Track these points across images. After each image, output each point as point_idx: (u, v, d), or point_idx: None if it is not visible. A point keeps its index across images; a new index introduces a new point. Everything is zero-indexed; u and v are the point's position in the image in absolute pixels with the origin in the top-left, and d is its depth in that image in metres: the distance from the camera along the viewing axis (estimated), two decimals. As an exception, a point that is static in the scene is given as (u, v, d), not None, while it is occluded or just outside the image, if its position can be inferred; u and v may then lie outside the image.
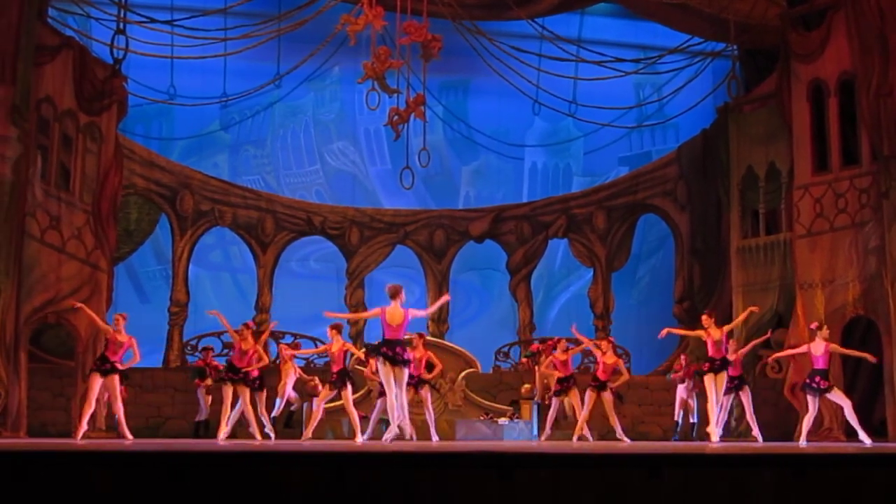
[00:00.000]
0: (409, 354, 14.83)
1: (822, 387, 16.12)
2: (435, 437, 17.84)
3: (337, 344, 16.69)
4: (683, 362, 21.13)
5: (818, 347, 16.09)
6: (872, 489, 8.16)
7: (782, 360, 21.49)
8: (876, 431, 20.48)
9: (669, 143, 28.28)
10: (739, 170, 23.49)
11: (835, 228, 20.97)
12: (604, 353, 18.70)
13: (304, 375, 20.51)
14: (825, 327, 16.52)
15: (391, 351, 13.95)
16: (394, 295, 13.92)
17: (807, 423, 16.55)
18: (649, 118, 27.95)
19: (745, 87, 24.67)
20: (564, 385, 18.85)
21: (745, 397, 17.76)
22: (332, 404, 21.71)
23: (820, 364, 16.04)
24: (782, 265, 22.34)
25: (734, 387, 17.48)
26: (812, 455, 9.30)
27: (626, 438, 18.34)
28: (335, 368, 16.69)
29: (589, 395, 18.43)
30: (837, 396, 16.49)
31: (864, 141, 20.62)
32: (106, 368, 15.97)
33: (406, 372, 14.32)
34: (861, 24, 20.34)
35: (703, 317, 17.07)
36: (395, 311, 13.91)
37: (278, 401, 20.19)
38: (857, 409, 21.21)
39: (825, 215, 21.15)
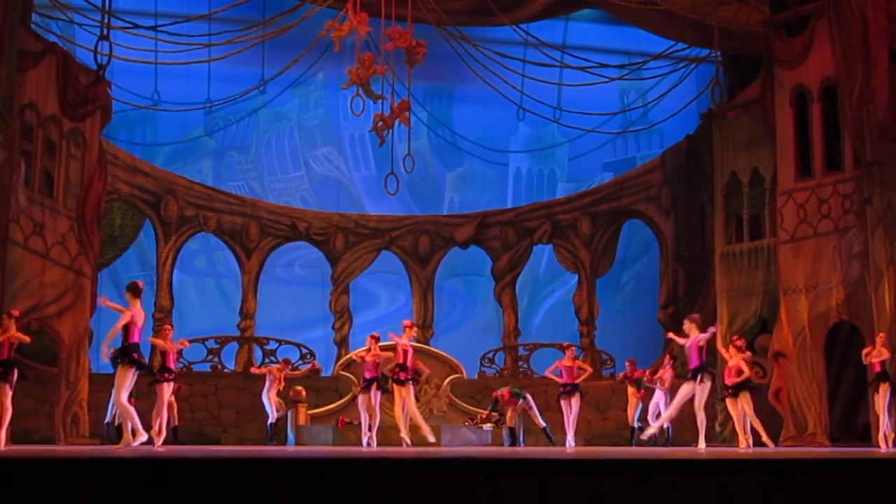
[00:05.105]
0: None
1: None
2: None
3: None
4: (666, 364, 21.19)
5: None
6: (857, 494, 8.18)
7: (766, 365, 21.56)
8: (860, 437, 20.56)
9: (654, 148, 28.35)
10: (723, 175, 23.54)
11: (818, 234, 21.04)
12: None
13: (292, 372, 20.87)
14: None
15: None
16: None
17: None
18: (634, 124, 28.01)
19: (729, 93, 24.75)
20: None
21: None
22: (317, 410, 21.80)
23: None
24: (766, 271, 22.39)
25: None
26: (797, 460, 9.32)
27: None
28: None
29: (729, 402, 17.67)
30: None
31: (847, 147, 20.71)
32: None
33: None
34: (844, 30, 20.42)
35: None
36: None
37: (269, 409, 20.61)
38: (841, 414, 21.39)
39: (809, 221, 21.22)
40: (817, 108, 21.40)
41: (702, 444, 15.97)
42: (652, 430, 16.68)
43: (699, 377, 15.78)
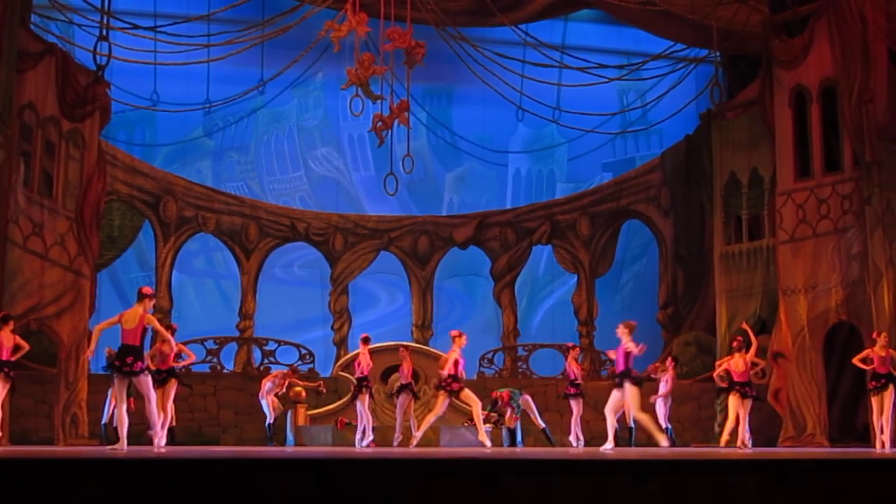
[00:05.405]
0: None
1: None
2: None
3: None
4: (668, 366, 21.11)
5: None
6: (855, 494, 8.19)
7: (765, 366, 21.55)
8: (859, 437, 20.56)
9: (653, 149, 28.37)
10: (722, 176, 23.56)
11: (817, 234, 21.04)
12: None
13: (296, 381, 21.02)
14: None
15: None
16: None
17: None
18: (633, 124, 28.03)
19: (728, 93, 24.77)
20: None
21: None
22: (316, 411, 21.79)
23: None
24: (765, 271, 22.41)
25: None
26: (796, 461, 9.32)
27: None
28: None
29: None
30: None
31: (847, 147, 20.72)
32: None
33: None
34: (843, 30, 20.43)
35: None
36: None
37: (267, 410, 20.67)
38: (840, 414, 21.37)
39: (808, 221, 21.22)
40: (816, 109, 21.40)
41: (663, 443, 15.96)
42: (609, 445, 16.63)
43: (623, 383, 15.69)
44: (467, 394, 17.04)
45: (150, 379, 13.39)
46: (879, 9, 20.26)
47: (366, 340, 18.83)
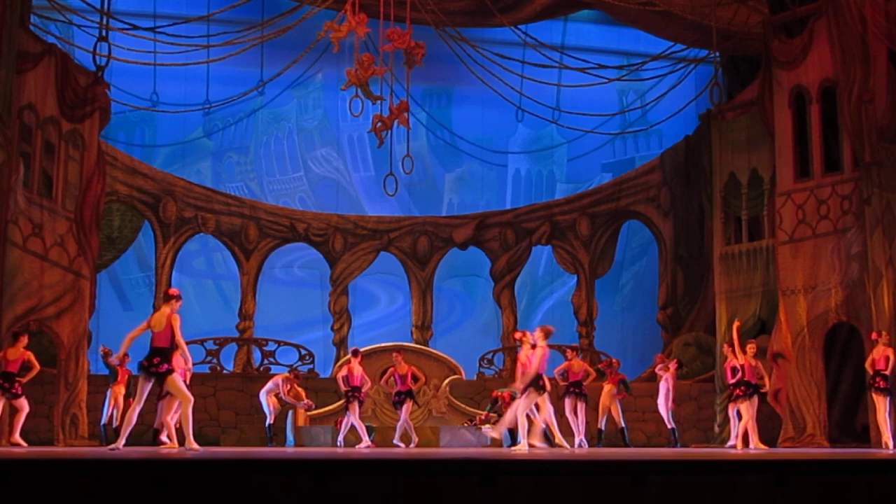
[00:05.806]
0: None
1: None
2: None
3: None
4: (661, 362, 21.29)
5: None
6: (854, 495, 8.19)
7: (765, 366, 21.55)
8: (858, 437, 20.57)
9: (653, 149, 28.36)
10: (722, 176, 23.56)
11: (817, 235, 21.04)
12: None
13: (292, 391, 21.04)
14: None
15: None
16: None
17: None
18: (632, 125, 28.00)
19: (728, 93, 24.76)
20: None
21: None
22: (315, 411, 21.82)
23: None
24: (765, 271, 22.40)
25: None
26: (795, 461, 9.32)
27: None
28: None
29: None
30: None
31: (846, 147, 20.72)
32: (5, 387, 16.68)
33: None
34: (843, 31, 20.43)
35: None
36: None
37: (267, 410, 20.69)
38: (840, 415, 21.39)
39: (807, 222, 21.22)
40: (816, 109, 21.40)
41: (525, 444, 15.92)
42: (495, 432, 16.60)
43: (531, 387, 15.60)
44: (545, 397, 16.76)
45: (179, 379, 13.57)
46: (879, 9, 20.25)
47: (356, 353, 19.02)
